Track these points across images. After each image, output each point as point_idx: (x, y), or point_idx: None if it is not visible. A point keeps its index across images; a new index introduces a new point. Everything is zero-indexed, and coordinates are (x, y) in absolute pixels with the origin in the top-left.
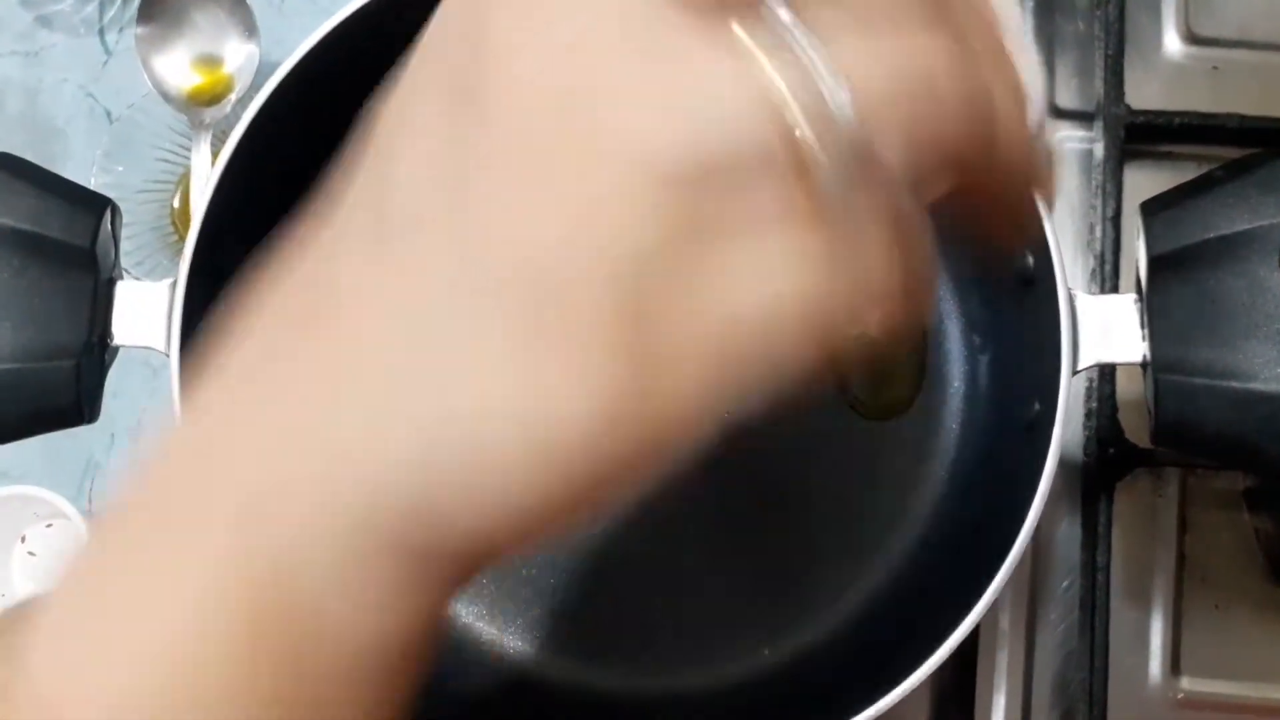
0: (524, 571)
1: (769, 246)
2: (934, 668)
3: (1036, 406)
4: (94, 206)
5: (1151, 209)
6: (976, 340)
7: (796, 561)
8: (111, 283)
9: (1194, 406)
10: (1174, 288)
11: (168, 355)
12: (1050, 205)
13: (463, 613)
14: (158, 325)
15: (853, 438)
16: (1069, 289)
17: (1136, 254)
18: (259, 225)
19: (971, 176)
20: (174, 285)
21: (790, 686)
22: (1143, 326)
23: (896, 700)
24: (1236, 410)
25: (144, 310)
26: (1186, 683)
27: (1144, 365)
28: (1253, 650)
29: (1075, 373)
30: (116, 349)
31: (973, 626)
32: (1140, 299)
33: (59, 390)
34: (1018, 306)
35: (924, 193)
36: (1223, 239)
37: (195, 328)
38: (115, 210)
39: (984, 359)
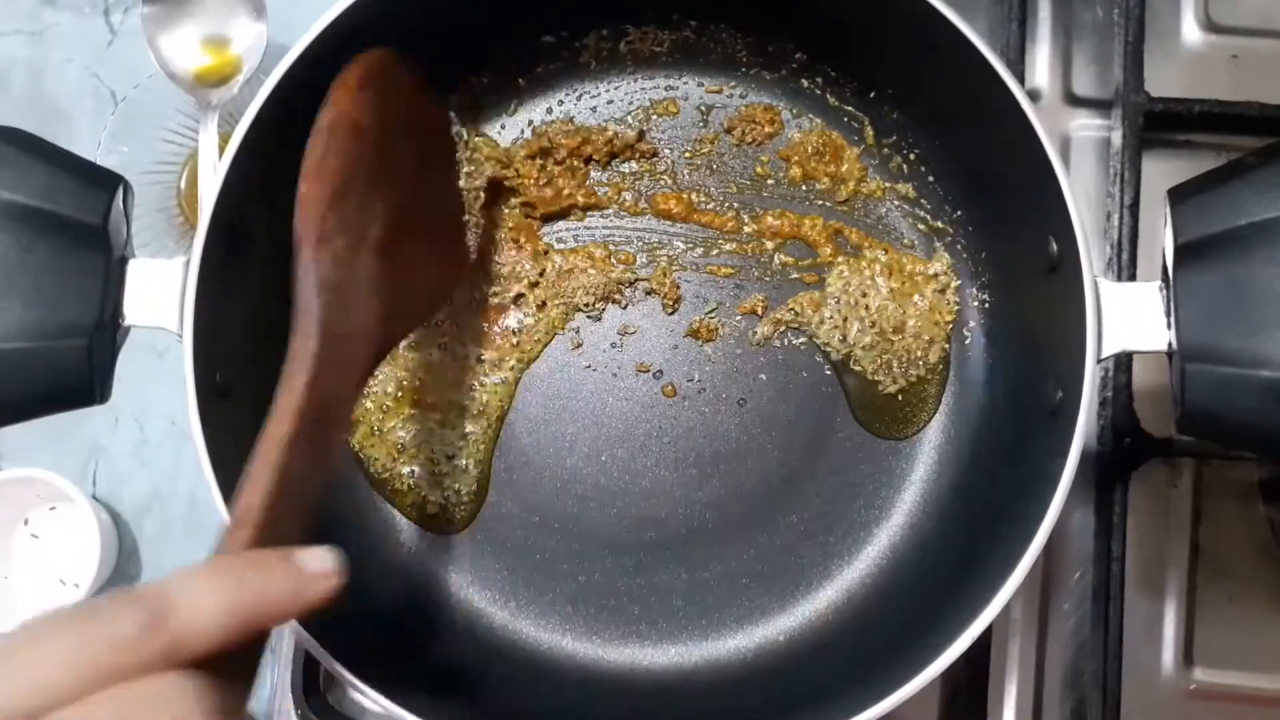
0: (537, 557)
1: None
2: (956, 656)
3: (1059, 394)
4: (106, 184)
5: (1180, 195)
6: (999, 326)
7: (811, 545)
8: (124, 261)
9: (1222, 395)
10: (1202, 275)
11: (179, 336)
12: None
13: (475, 597)
14: (170, 305)
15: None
16: (1094, 276)
17: (1163, 241)
18: (273, 203)
19: None
20: (187, 264)
21: (806, 671)
22: (1168, 314)
23: (917, 689)
24: (1267, 399)
25: (156, 289)
26: (1200, 673)
27: (1169, 353)
28: (1266, 642)
29: (1100, 360)
30: (128, 329)
31: (994, 615)
32: (1166, 286)
33: (70, 369)
34: (1041, 293)
35: None
36: (1255, 225)
37: (208, 308)
38: (128, 188)
39: (1006, 345)
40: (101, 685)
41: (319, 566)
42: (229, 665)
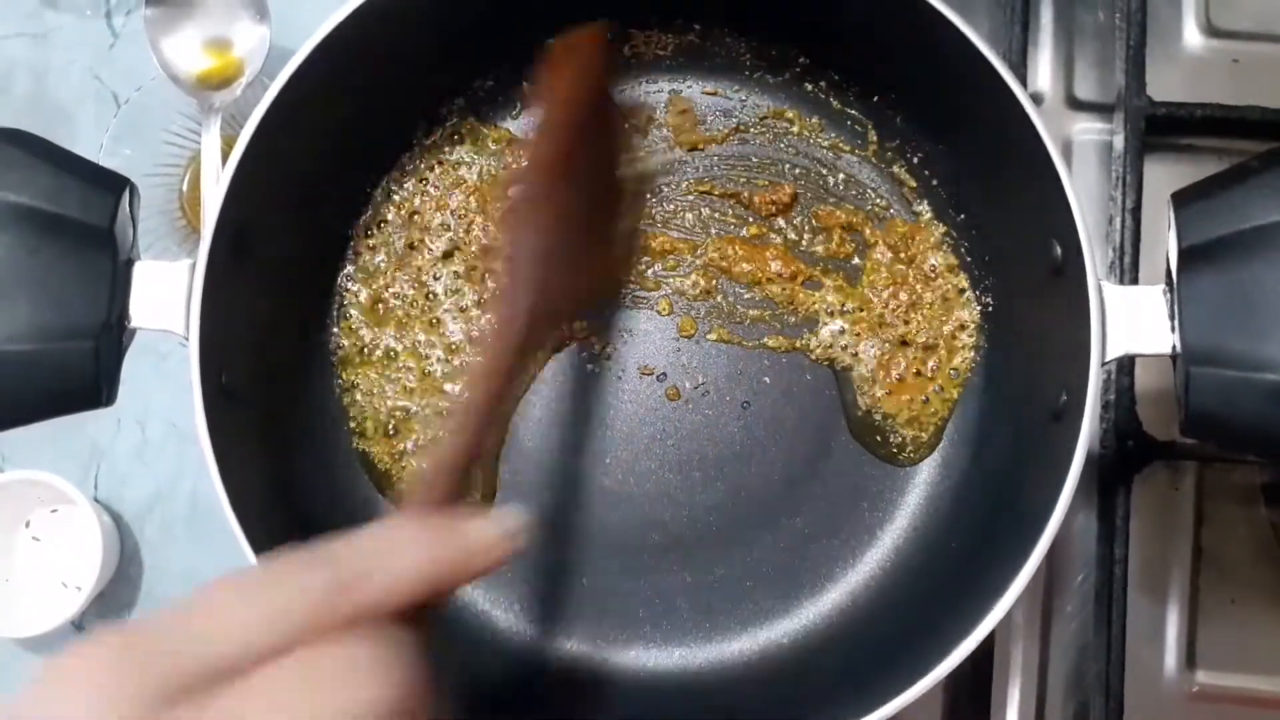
0: (541, 559)
1: None
2: (960, 659)
3: (1063, 398)
4: (112, 186)
5: (1183, 199)
6: (1001, 330)
7: (815, 548)
8: (130, 264)
9: (1226, 399)
10: (1206, 279)
11: (185, 338)
12: None
13: (478, 599)
14: (176, 308)
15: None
16: (1098, 279)
17: (1167, 245)
18: (280, 205)
19: None
20: (194, 267)
21: (809, 675)
22: (1172, 318)
23: (921, 693)
24: (1271, 402)
25: (162, 292)
26: (1202, 676)
27: (1173, 357)
28: (1268, 644)
29: (1104, 363)
30: (135, 331)
31: (998, 619)
32: (1170, 290)
33: (76, 372)
34: (1044, 296)
35: None
36: (1258, 229)
37: (213, 311)
38: (134, 190)
39: (1009, 349)
40: (294, 643)
41: (512, 527)
42: (414, 615)
